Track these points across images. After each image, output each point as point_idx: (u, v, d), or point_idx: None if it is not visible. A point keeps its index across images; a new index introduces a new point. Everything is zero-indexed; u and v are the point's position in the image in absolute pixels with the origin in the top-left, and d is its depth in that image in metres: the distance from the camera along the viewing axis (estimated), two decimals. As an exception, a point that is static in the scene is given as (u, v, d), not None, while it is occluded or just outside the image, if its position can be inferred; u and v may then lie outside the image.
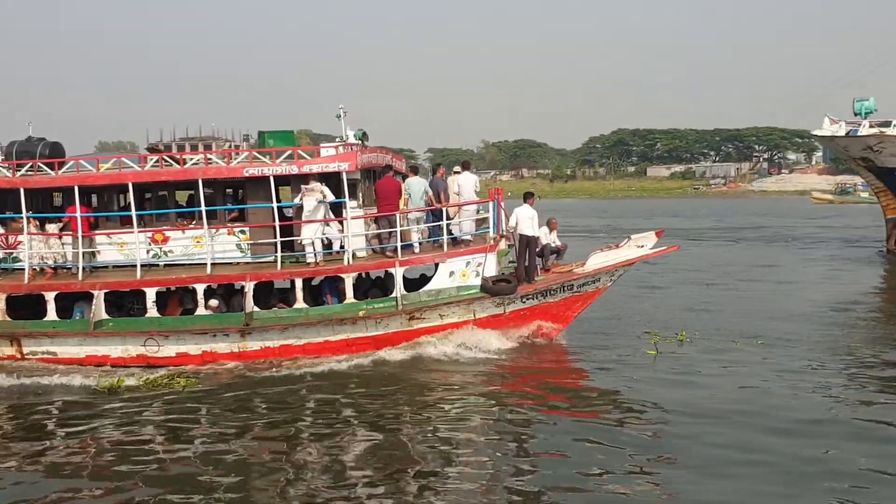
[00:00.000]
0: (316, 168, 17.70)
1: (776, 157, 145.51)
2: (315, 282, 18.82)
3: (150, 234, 18.57)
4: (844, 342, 18.63)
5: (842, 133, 33.64)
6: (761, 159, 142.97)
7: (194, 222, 18.57)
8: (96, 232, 18.81)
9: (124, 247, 18.63)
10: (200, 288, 17.79)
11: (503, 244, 18.77)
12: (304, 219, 17.76)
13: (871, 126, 32.86)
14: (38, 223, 18.73)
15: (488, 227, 18.23)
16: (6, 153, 19.41)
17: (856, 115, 33.40)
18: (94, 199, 19.68)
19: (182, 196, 19.98)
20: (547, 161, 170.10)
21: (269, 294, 19.09)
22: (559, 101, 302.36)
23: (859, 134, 33.38)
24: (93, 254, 18.81)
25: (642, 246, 18.36)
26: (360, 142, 19.08)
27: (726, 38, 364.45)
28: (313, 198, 17.46)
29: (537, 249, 18.90)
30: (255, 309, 17.65)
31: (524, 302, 18.07)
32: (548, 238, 19.83)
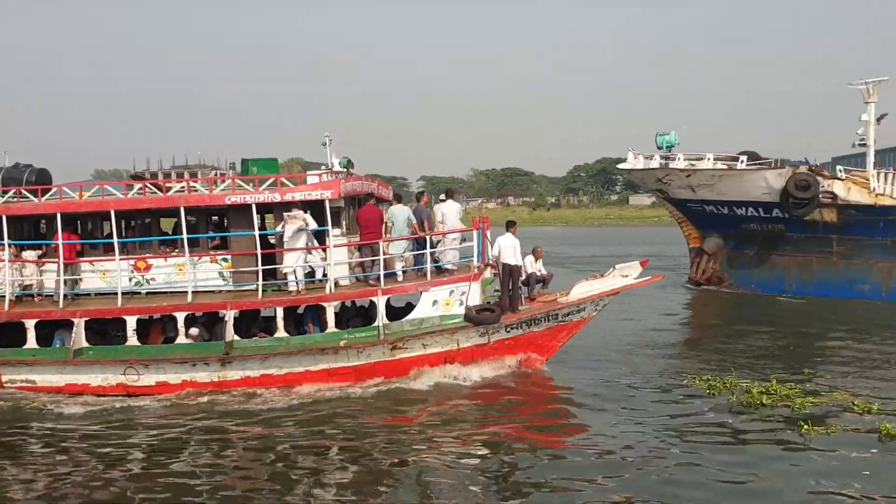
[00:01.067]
0: (298, 196, 17.07)
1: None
2: (301, 310, 18.08)
3: (132, 262, 17.85)
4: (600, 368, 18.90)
5: (640, 166, 33.53)
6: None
7: (177, 250, 17.78)
8: (79, 259, 18.10)
9: (107, 274, 17.84)
10: (181, 316, 17.08)
11: (488, 273, 18.05)
12: (285, 247, 17.02)
13: (661, 158, 32.87)
14: (17, 250, 17.94)
15: (472, 256, 17.43)
16: None
17: (658, 148, 33.19)
18: (79, 226, 19.02)
19: (168, 224, 19.22)
20: (535, 189, 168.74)
21: (254, 322, 18.35)
22: (552, 128, 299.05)
23: (649, 167, 33.42)
24: (76, 281, 18.02)
25: (627, 276, 17.75)
26: (345, 169, 18.40)
27: (711, 63, 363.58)
28: (295, 225, 16.72)
29: (522, 278, 18.23)
30: (236, 338, 16.93)
31: (508, 332, 17.35)
32: (533, 267, 19.14)
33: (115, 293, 17.45)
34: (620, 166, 34.37)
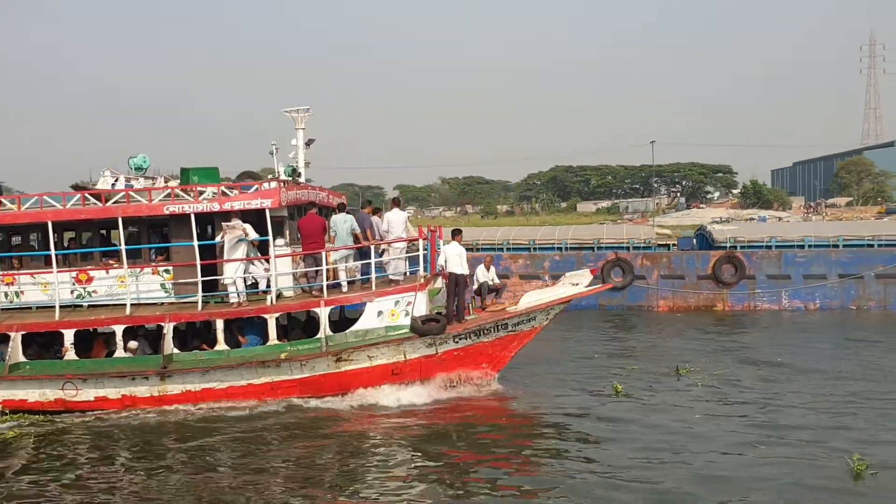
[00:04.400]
0: (238, 205, 15.07)
1: (699, 192, 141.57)
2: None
3: (73, 275, 15.86)
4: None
5: (120, 185, 31.06)
6: (678, 195, 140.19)
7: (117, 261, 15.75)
8: (21, 272, 16.17)
9: (48, 287, 15.58)
10: (119, 329, 15.06)
11: (439, 282, 16.04)
12: (225, 257, 15.06)
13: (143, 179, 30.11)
14: None
15: (419, 266, 15.43)
16: None
17: (132, 170, 31.23)
18: (19, 238, 17.23)
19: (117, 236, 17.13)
20: (494, 197, 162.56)
21: (199, 334, 16.25)
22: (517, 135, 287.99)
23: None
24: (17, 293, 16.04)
25: (577, 283, 15.91)
26: (290, 178, 16.33)
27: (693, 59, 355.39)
28: (234, 235, 14.67)
29: (475, 288, 16.25)
30: (175, 351, 14.89)
31: (457, 342, 15.37)
32: (485, 276, 17.16)
33: (57, 306, 15.45)
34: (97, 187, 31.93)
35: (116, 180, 17.74)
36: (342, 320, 16.63)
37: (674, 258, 29.59)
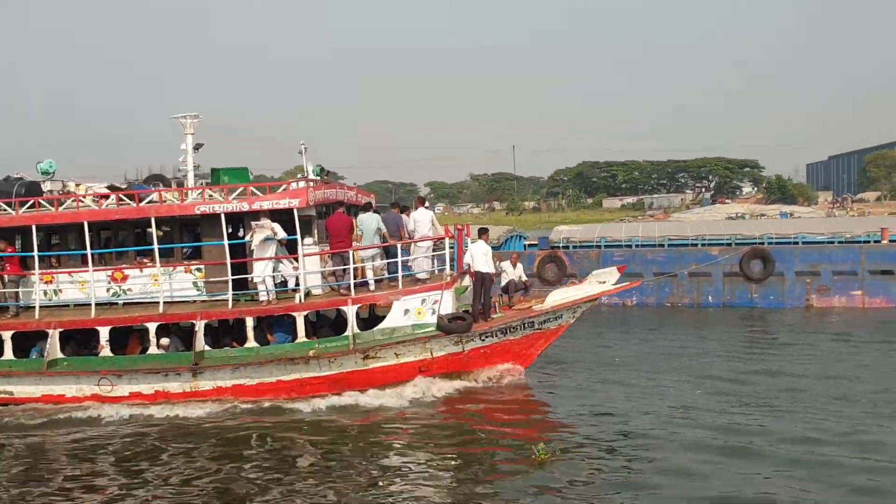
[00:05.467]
0: (267, 205, 14.93)
1: (726, 187, 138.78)
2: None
3: (109, 273, 15.88)
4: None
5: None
6: (703, 190, 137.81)
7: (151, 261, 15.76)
8: (59, 270, 16.23)
9: (84, 285, 15.65)
10: (152, 327, 15.10)
11: (467, 280, 15.79)
12: (254, 256, 14.97)
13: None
14: None
15: (445, 264, 15.23)
16: None
17: (39, 174, 30.06)
18: (56, 238, 17.06)
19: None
20: (522, 193, 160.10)
21: (238, 331, 16.18)
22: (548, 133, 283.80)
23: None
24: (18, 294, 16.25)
25: (604, 282, 15.54)
26: (318, 177, 16.15)
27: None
28: (262, 235, 14.61)
29: (502, 285, 15.93)
30: (206, 348, 14.92)
31: (483, 340, 15.15)
32: (513, 273, 16.87)
33: (93, 304, 15.52)
34: None
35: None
36: (372, 318, 16.46)
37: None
